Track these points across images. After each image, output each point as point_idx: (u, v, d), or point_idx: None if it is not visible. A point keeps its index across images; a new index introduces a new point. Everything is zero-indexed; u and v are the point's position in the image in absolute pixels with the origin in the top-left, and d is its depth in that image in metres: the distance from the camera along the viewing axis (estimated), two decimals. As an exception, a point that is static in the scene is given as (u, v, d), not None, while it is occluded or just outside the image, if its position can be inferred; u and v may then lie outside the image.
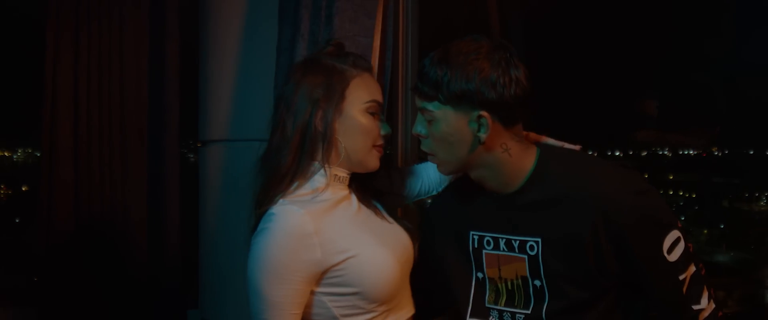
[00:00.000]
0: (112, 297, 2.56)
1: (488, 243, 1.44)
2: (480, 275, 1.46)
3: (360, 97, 1.42)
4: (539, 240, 1.36)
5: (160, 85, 2.65)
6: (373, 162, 1.46)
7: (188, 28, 2.60)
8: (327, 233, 1.35)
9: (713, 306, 1.35)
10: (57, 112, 2.49)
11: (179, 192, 2.68)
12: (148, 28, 2.63)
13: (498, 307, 1.43)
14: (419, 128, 1.38)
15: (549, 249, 1.35)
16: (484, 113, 1.29)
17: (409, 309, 1.49)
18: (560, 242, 1.34)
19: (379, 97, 1.45)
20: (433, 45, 1.38)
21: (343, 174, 1.45)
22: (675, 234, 1.31)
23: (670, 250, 1.31)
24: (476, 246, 1.46)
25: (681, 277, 1.32)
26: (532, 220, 1.37)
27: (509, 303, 1.42)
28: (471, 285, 1.47)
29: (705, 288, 1.36)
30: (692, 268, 1.34)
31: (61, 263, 2.49)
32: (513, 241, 1.40)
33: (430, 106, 1.33)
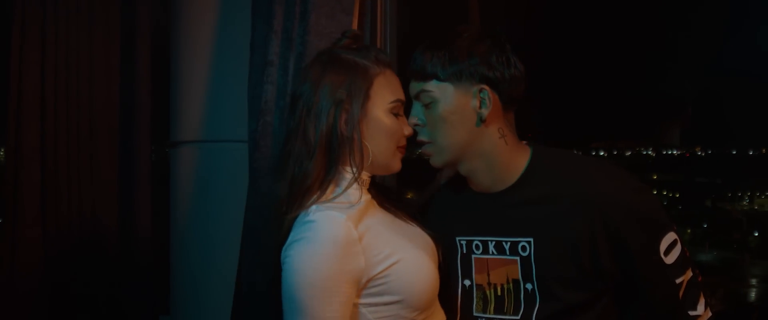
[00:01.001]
0: (81, 301, 2.49)
1: (477, 247, 1.39)
2: (467, 282, 1.41)
3: (384, 97, 1.34)
4: (531, 240, 1.32)
5: (130, 84, 2.58)
6: (396, 164, 1.39)
7: (160, 24, 2.54)
8: (367, 239, 1.27)
9: (709, 313, 1.34)
10: (23, 111, 2.39)
11: (150, 194, 2.62)
12: (119, 24, 2.55)
13: (486, 315, 1.38)
14: (417, 116, 1.35)
15: (542, 250, 1.31)
16: (485, 87, 1.29)
17: (441, 316, 1.41)
18: (554, 242, 1.30)
19: (402, 96, 1.38)
20: (412, 46, 1.35)
21: (366, 176, 1.38)
22: (672, 236, 1.30)
23: (667, 252, 1.29)
24: (464, 251, 1.41)
25: (678, 281, 1.30)
26: (524, 219, 1.33)
27: (498, 310, 1.37)
28: (457, 294, 1.41)
29: (701, 294, 1.34)
30: (689, 273, 1.32)
31: (27, 266, 2.40)
32: (503, 243, 1.35)
33: (428, 86, 1.31)
